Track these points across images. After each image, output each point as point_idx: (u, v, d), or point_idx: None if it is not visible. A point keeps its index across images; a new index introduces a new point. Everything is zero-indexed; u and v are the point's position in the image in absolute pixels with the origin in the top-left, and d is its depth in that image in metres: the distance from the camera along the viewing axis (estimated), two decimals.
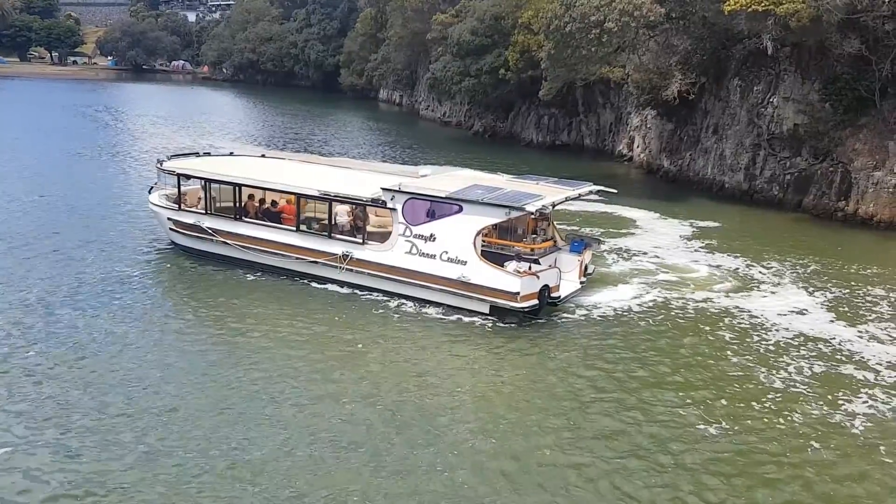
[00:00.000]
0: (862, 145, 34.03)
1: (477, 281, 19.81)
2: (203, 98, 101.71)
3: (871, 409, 16.06)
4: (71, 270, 23.04)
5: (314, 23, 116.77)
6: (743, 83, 39.42)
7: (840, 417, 15.66)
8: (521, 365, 17.67)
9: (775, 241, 30.26)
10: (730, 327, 20.56)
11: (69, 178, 38.73)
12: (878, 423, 15.48)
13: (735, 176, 39.70)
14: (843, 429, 15.21)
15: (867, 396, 16.68)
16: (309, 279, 22.43)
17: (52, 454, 13.10)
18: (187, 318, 19.92)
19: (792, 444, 14.47)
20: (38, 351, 17.20)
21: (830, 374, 17.84)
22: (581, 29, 37.42)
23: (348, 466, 13.10)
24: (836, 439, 14.76)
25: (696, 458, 13.80)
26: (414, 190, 21.00)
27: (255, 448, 13.48)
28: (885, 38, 33.11)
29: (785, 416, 15.58)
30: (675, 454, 13.83)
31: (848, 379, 17.62)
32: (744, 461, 13.76)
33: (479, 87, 60.40)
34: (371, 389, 15.93)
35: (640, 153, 49.88)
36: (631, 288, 23.37)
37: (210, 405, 15.04)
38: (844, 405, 16.20)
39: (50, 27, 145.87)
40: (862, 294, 24.07)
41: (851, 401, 16.42)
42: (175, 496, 12.12)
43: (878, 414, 15.89)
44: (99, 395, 15.20)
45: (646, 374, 17.29)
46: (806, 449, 14.35)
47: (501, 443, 13.98)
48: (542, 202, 20.20)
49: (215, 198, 23.99)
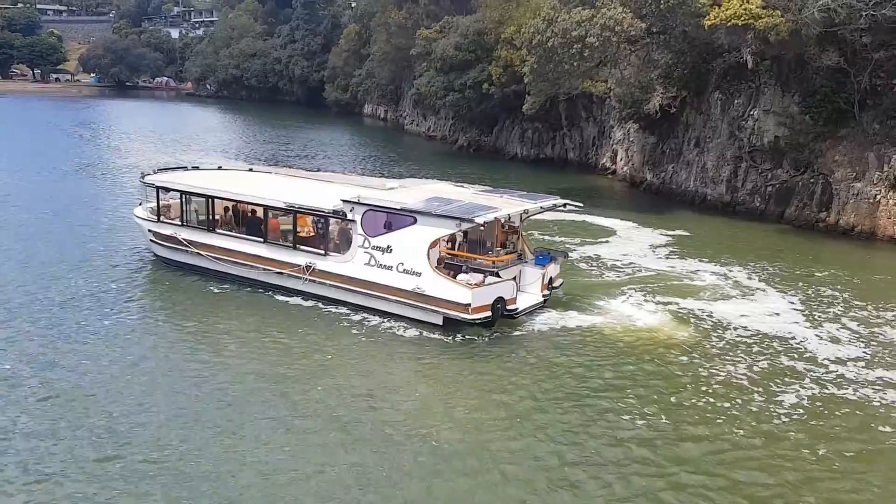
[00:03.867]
0: (842, 157, 34.39)
1: (431, 292, 19.90)
2: (188, 114, 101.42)
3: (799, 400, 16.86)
4: (50, 280, 23.50)
5: (298, 38, 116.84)
6: (724, 96, 39.79)
7: (769, 407, 16.42)
8: (470, 381, 17.47)
9: (747, 250, 30.66)
10: (691, 328, 21.00)
11: (55, 193, 38.58)
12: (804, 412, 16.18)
13: (717, 188, 40.01)
14: (767, 418, 15.96)
15: (799, 387, 17.52)
16: (275, 290, 22.66)
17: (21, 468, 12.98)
18: (150, 327, 20.15)
19: (720, 430, 15.29)
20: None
21: (776, 368, 18.53)
22: (563, 44, 37.67)
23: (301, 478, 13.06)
24: (756, 427, 15.54)
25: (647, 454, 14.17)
26: (371, 202, 21.16)
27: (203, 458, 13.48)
28: (862, 50, 33.56)
29: (721, 404, 16.37)
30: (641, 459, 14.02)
31: (789, 372, 18.37)
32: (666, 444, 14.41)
33: (463, 102, 60.68)
34: (322, 404, 15.82)
35: (624, 166, 50.17)
36: (599, 296, 23.52)
37: (163, 413, 15.12)
38: (779, 396, 16.95)
39: (32, 44, 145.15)
40: (824, 297, 24.70)
41: (785, 392, 17.17)
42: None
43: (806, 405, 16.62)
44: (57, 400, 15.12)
45: (599, 383, 17.42)
46: (731, 434, 15.14)
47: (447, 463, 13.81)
48: (493, 215, 20.35)
49: (196, 210, 24.41)
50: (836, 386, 17.68)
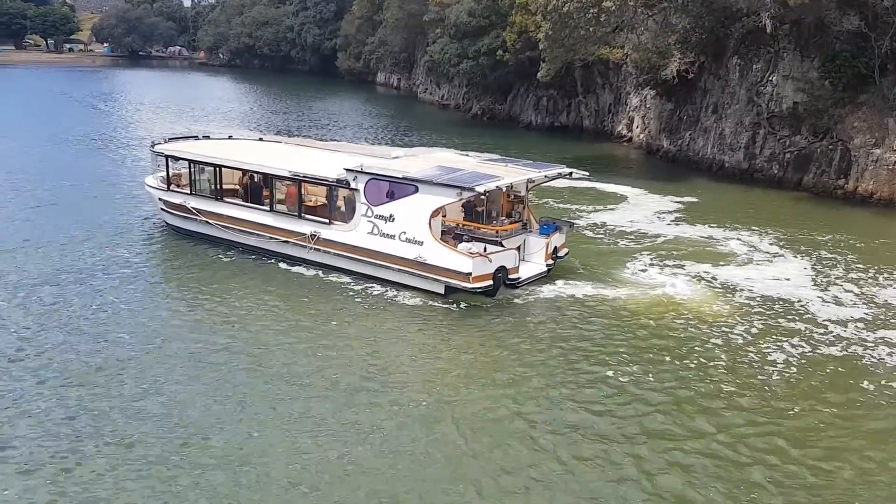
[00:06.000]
0: (861, 123, 33.87)
1: (432, 261, 20.00)
2: (201, 84, 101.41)
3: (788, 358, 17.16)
4: (60, 248, 23.87)
5: (310, 6, 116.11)
6: (742, 62, 39.19)
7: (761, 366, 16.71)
8: (473, 347, 17.54)
9: (763, 217, 30.41)
10: (702, 293, 21.07)
11: (70, 163, 38.79)
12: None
13: (735, 155, 39.58)
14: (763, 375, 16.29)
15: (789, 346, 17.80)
16: (281, 259, 22.85)
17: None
18: (158, 294, 20.47)
19: (707, 388, 15.62)
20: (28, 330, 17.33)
21: (772, 329, 18.78)
22: (579, 9, 37.16)
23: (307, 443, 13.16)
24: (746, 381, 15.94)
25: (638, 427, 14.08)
26: (374, 171, 21.16)
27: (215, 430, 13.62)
28: (884, 14, 32.86)
29: (714, 363, 16.70)
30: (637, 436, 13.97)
31: (787, 331, 18.66)
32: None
33: (477, 69, 60.14)
34: (328, 371, 15.96)
35: (640, 133, 49.71)
36: (609, 264, 23.50)
37: (175, 379, 15.36)
38: (771, 355, 17.23)
39: (45, 14, 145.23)
40: (830, 260, 24.73)
41: (777, 351, 17.42)
42: (142, 471, 12.26)
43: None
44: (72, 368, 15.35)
45: (602, 349, 17.43)
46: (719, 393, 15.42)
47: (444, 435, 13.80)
48: (495, 183, 20.26)
49: (205, 179, 24.60)
50: (827, 345, 17.87)
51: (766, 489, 12.17)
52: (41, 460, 12.56)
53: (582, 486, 12.19)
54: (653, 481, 12.33)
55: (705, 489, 12.14)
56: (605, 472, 12.57)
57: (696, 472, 12.61)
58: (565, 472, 12.55)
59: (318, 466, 12.58)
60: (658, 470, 12.66)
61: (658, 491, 12.09)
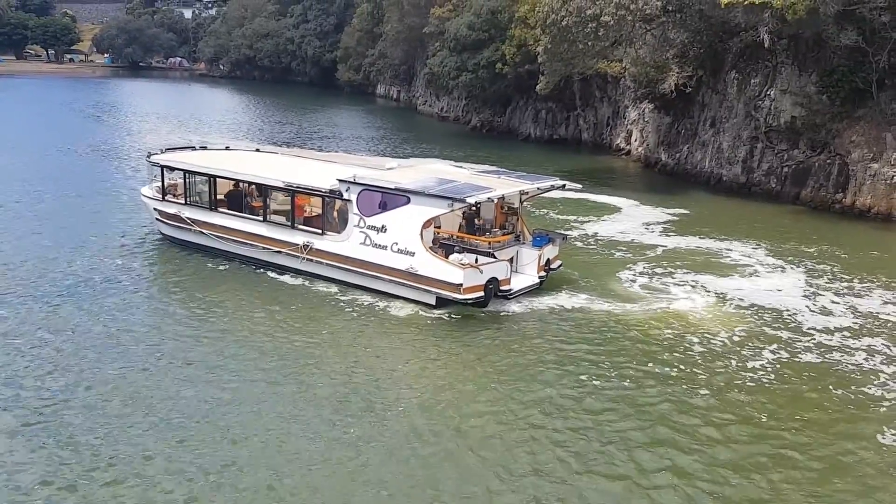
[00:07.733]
0: (859, 137, 33.97)
1: (424, 272, 20.04)
2: (201, 95, 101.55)
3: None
4: (56, 257, 23.98)
5: (311, 18, 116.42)
6: (740, 76, 39.33)
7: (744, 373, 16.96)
8: (463, 357, 17.56)
9: (759, 230, 30.45)
10: (693, 305, 21.22)
11: (70, 172, 38.91)
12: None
13: (733, 169, 39.65)
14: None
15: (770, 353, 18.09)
16: (274, 269, 22.87)
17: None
18: (150, 304, 20.50)
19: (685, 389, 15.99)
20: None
21: (755, 335, 19.05)
22: (577, 23, 37.30)
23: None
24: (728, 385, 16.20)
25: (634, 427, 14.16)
26: (367, 181, 21.24)
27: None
28: (881, 29, 33.00)
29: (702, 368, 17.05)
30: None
31: (765, 337, 18.99)
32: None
33: (476, 82, 60.30)
34: (316, 382, 15.95)
35: (638, 147, 49.81)
36: (601, 276, 23.52)
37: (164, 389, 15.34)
38: (749, 362, 17.52)
39: (46, 25, 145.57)
40: (822, 272, 24.87)
41: (757, 357, 17.76)
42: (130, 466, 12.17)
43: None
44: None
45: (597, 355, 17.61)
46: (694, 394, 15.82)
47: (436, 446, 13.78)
48: (486, 195, 20.29)
49: (199, 189, 24.69)
50: (808, 352, 18.12)
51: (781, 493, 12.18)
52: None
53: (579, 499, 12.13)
54: (653, 492, 12.31)
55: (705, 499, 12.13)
56: (604, 481, 12.52)
57: (699, 481, 12.61)
58: (557, 482, 12.48)
59: (303, 478, 12.53)
60: (658, 478, 12.65)
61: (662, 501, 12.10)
